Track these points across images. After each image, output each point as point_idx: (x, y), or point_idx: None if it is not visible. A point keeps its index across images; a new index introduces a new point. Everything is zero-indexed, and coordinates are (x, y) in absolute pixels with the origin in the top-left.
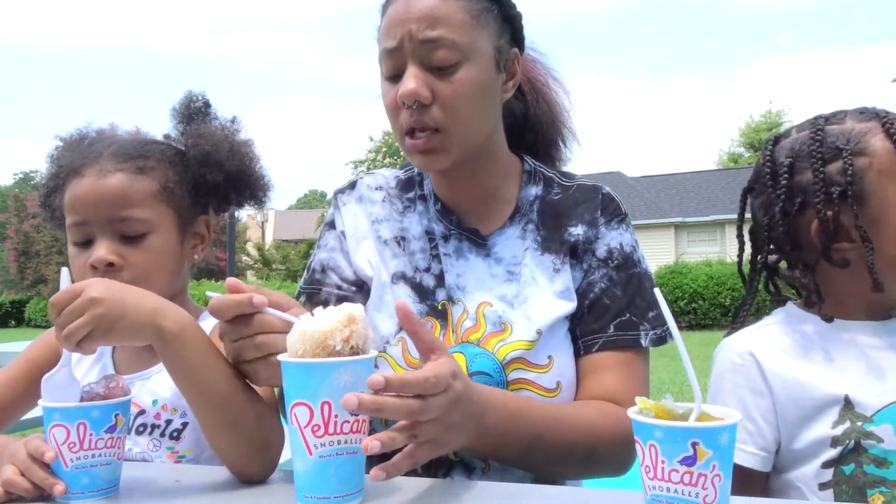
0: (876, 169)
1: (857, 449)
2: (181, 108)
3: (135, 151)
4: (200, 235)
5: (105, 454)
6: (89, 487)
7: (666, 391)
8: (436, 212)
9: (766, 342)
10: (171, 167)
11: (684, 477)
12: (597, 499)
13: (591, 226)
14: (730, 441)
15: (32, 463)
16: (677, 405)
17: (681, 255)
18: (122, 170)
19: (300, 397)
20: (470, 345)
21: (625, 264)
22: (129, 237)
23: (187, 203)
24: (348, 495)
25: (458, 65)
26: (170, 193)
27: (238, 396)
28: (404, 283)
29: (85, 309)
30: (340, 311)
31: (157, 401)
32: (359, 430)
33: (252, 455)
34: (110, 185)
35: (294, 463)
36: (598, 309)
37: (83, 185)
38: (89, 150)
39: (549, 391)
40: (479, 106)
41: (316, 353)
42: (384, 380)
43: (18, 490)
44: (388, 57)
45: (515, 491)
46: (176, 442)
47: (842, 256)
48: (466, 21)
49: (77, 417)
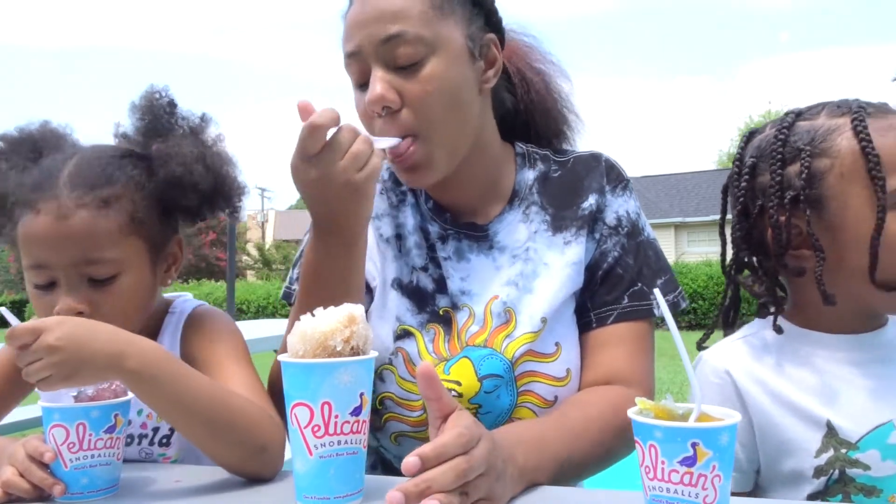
0: (837, 171)
1: (843, 479)
2: (142, 106)
3: (97, 178)
4: (173, 255)
5: (104, 454)
6: (88, 487)
7: (666, 391)
8: (428, 210)
9: (743, 359)
10: (139, 191)
11: (684, 477)
12: (597, 499)
13: (601, 193)
14: (730, 441)
15: (31, 463)
16: (677, 405)
17: (681, 255)
18: (85, 205)
19: (300, 398)
20: (475, 348)
21: (633, 231)
22: (98, 280)
23: (158, 229)
24: (348, 496)
25: (424, 60)
26: (139, 224)
27: (222, 411)
28: (401, 292)
29: (43, 354)
30: (341, 311)
31: (141, 410)
32: (359, 431)
33: (248, 461)
34: (73, 227)
35: (294, 463)
36: (612, 279)
37: (40, 225)
38: (41, 177)
39: (559, 380)
40: (454, 102)
41: (316, 354)
42: (419, 459)
43: (17, 491)
44: (352, 63)
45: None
46: (166, 448)
47: (798, 264)
48: (427, 12)
49: (76, 418)
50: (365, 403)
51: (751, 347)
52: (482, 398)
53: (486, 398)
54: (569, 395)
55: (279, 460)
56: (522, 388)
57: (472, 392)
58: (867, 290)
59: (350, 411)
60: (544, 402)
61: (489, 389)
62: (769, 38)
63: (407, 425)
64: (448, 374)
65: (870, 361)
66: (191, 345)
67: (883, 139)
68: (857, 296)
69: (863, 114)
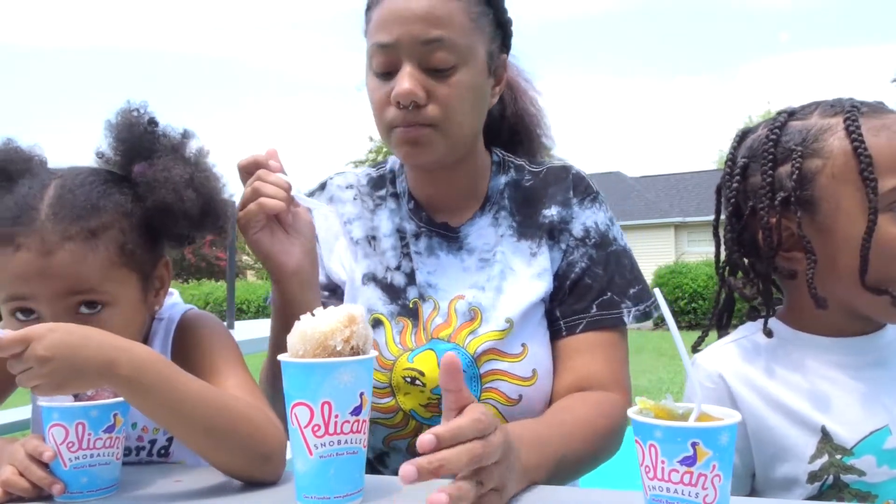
0: (829, 172)
1: (837, 484)
2: (120, 125)
3: (82, 207)
4: (161, 279)
5: (104, 454)
6: (88, 487)
7: (666, 391)
8: (408, 210)
9: (736, 363)
10: (127, 219)
11: (684, 477)
12: (597, 499)
13: (564, 206)
14: (730, 441)
15: (31, 463)
16: (677, 405)
17: (681, 255)
18: (71, 238)
19: (300, 397)
20: (440, 341)
21: (602, 242)
22: (85, 314)
23: (147, 257)
24: (348, 495)
25: (456, 67)
26: (129, 255)
27: (222, 417)
28: (374, 284)
29: (34, 364)
30: (341, 311)
31: (136, 424)
32: (359, 431)
33: (251, 467)
34: (59, 262)
35: (294, 463)
36: (580, 289)
37: (21, 261)
38: (18, 208)
39: (524, 380)
40: (471, 110)
41: (316, 354)
42: (435, 437)
43: (17, 490)
44: (382, 52)
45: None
46: (165, 459)
47: (789, 267)
48: (465, 23)
49: (76, 417)
50: (365, 403)
51: (744, 350)
52: None
53: None
54: (535, 395)
55: (282, 466)
56: (487, 385)
57: (435, 383)
58: (857, 293)
59: (350, 411)
60: (508, 399)
61: None
62: (769, 38)
63: (377, 412)
64: (412, 362)
65: (865, 365)
66: (183, 351)
67: (876, 139)
68: (847, 298)
69: (855, 113)
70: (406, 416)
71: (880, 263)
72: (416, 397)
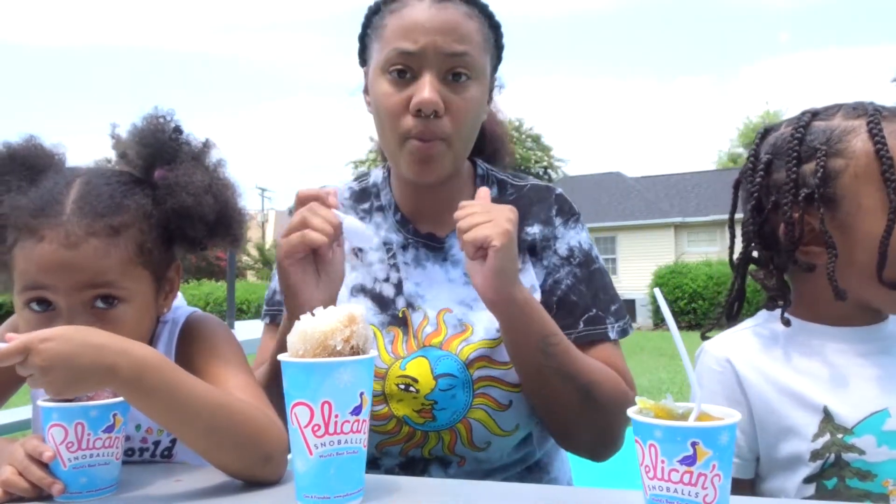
0: (852, 172)
1: (839, 463)
2: (146, 131)
3: (106, 205)
4: (171, 281)
5: (103, 454)
6: (87, 487)
7: (666, 391)
8: (395, 222)
9: (744, 348)
10: (147, 220)
11: (684, 477)
12: (597, 499)
13: (546, 224)
14: (729, 441)
15: (30, 463)
16: (677, 405)
17: (681, 255)
18: (95, 233)
19: (301, 397)
20: (432, 348)
21: (586, 261)
22: (101, 308)
23: (162, 258)
24: (348, 495)
25: (470, 83)
26: (147, 254)
27: (225, 418)
28: (364, 294)
29: (34, 372)
30: (341, 311)
31: (140, 426)
32: (359, 430)
33: (254, 468)
34: (82, 256)
35: (294, 463)
36: (567, 306)
37: (46, 253)
38: (43, 201)
39: (514, 386)
40: (475, 125)
41: (317, 353)
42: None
43: (17, 490)
44: (402, 59)
45: (516, 490)
46: (168, 460)
47: (808, 260)
48: (481, 42)
49: (75, 417)
50: (365, 403)
51: (753, 338)
52: (437, 395)
53: (442, 396)
54: (524, 401)
55: (283, 466)
56: (479, 390)
57: (429, 389)
58: (873, 288)
59: (350, 411)
60: (499, 405)
61: (444, 388)
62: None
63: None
64: (404, 369)
65: (870, 352)
66: (187, 353)
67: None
68: (863, 292)
69: (878, 116)
70: (399, 423)
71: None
72: (410, 403)
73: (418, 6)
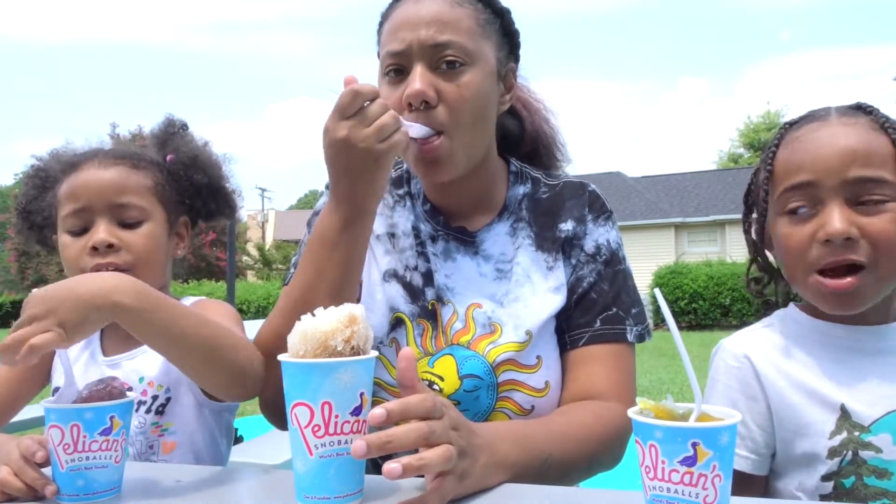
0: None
1: (856, 460)
2: (161, 132)
3: (128, 152)
4: (180, 235)
5: (100, 457)
6: (84, 490)
7: (666, 391)
8: (423, 212)
9: (762, 345)
10: (159, 170)
11: (684, 477)
12: (597, 499)
13: (579, 222)
14: (730, 441)
15: (25, 463)
16: (677, 405)
17: (681, 255)
18: (120, 164)
19: (301, 397)
20: (460, 347)
21: (612, 260)
22: (127, 224)
23: (174, 202)
24: (348, 495)
25: (465, 70)
26: (161, 190)
27: (208, 337)
28: (396, 281)
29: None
30: (341, 311)
31: (143, 378)
32: (359, 431)
33: (231, 383)
34: (111, 174)
35: (294, 463)
36: (586, 303)
37: (83, 175)
38: (83, 153)
39: (538, 391)
40: (482, 112)
41: (317, 354)
42: (385, 411)
43: (12, 490)
44: (393, 60)
45: (516, 490)
46: (160, 416)
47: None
48: (473, 28)
49: (70, 419)
50: (365, 403)
51: (770, 336)
52: (461, 396)
53: (466, 397)
54: (547, 406)
55: (257, 385)
56: (503, 394)
57: (453, 389)
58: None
59: (350, 411)
60: (521, 409)
61: (469, 389)
62: (769, 38)
63: None
64: (432, 367)
65: (885, 351)
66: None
67: (782, 151)
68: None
69: (785, 126)
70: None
71: (786, 259)
72: None
73: (405, 5)
